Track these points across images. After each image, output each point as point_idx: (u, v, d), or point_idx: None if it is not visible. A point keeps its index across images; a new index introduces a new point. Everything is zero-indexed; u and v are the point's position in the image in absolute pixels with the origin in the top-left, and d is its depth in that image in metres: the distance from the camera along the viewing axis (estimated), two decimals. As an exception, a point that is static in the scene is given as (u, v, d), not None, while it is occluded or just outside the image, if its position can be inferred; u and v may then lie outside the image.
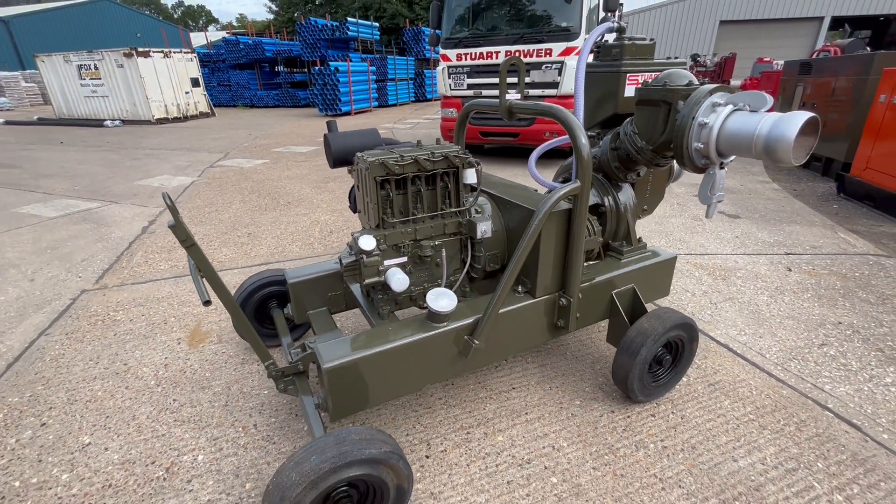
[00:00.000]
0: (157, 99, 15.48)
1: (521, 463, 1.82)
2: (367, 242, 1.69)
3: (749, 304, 3.01)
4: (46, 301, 3.24)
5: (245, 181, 6.85)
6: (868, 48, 10.92)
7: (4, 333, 2.83)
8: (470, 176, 1.88)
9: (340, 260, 1.77)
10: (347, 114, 16.71)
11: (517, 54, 6.63)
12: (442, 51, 7.34)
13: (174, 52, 15.99)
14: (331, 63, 15.98)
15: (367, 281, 1.74)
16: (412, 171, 1.75)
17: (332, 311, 2.32)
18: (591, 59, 2.33)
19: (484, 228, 1.87)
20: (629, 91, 2.17)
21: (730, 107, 1.70)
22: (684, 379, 2.29)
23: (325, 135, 2.04)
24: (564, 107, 1.77)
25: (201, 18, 78.66)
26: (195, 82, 16.96)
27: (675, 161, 2.06)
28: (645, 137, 1.97)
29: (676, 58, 2.59)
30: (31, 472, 1.83)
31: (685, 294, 3.15)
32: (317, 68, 16.17)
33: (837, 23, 25.62)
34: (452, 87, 7.45)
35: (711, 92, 1.73)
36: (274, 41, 21.81)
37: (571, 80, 6.36)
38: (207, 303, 1.48)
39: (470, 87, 7.27)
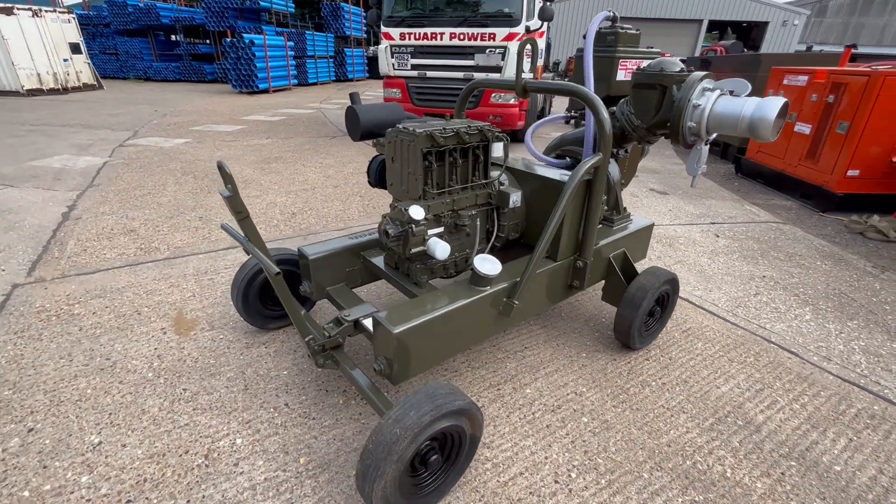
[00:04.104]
0: (27, 66, 13.11)
1: (553, 409, 2.03)
2: (417, 212, 1.73)
3: (695, 265, 3.53)
4: (-32, 299, 2.75)
5: (171, 162, 6.20)
6: (745, 49, 12.75)
7: (-74, 338, 2.38)
8: (497, 150, 1.99)
9: (386, 231, 1.79)
10: (265, 91, 15.57)
11: (461, 37, 6.74)
12: (384, 29, 7.19)
13: (46, 11, 13.58)
14: (244, 35, 14.71)
15: (413, 250, 1.79)
16: (453, 143, 1.82)
17: (350, 286, 2.31)
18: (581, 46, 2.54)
19: (515, 198, 2.01)
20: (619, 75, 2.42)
21: (717, 91, 2.00)
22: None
23: (349, 107, 2.00)
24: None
25: (64, -28, 66.67)
26: (75, 48, 14.60)
27: (663, 138, 2.35)
28: (640, 117, 2.23)
29: (651, 48, 2.87)
30: (38, 479, 1.63)
31: (645, 260, 3.58)
32: (228, 40, 14.78)
33: (714, 26, 29.37)
34: (396, 66, 7.35)
35: (702, 78, 2.02)
36: (171, 6, 19.44)
37: (513, 65, 6.59)
38: (278, 274, 1.45)
39: (414, 67, 7.24)
